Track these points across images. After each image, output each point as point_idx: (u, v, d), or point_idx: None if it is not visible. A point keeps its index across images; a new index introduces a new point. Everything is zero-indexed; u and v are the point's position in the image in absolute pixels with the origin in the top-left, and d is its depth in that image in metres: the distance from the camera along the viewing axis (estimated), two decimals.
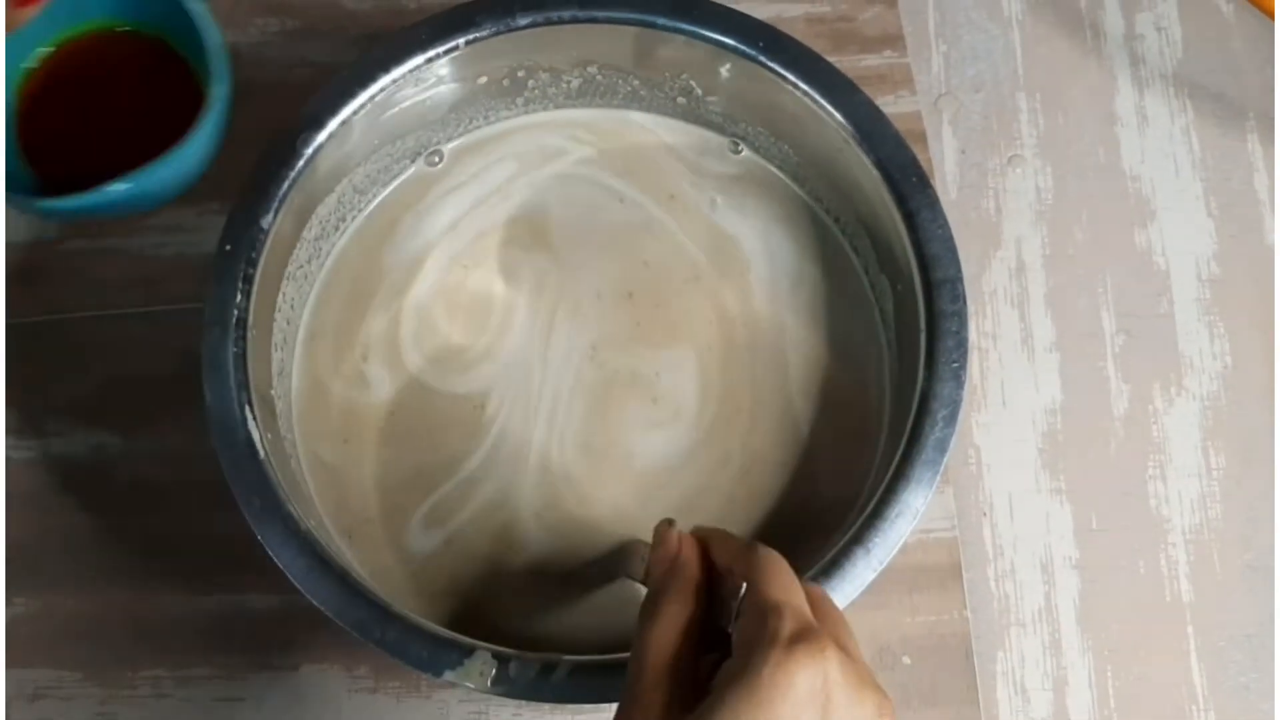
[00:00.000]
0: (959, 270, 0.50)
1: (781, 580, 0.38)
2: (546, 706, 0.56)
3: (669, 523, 0.44)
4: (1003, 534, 0.59)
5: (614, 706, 0.39)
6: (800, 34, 0.63)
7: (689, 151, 0.60)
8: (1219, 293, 0.63)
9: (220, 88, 0.56)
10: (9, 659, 0.56)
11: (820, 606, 0.38)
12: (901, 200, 0.51)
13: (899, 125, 0.53)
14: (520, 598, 0.53)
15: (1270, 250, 0.63)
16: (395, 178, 0.59)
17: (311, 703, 0.55)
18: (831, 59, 0.56)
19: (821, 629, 0.36)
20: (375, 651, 0.45)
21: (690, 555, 0.41)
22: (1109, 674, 0.57)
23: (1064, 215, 0.64)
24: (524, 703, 0.53)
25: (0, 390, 0.59)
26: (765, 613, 0.36)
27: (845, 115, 0.53)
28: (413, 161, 0.59)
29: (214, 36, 0.57)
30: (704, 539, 0.43)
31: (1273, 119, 0.65)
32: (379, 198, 0.58)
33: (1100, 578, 0.58)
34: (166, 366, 0.58)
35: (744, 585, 0.38)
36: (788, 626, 0.35)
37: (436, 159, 0.59)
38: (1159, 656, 0.57)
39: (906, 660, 0.56)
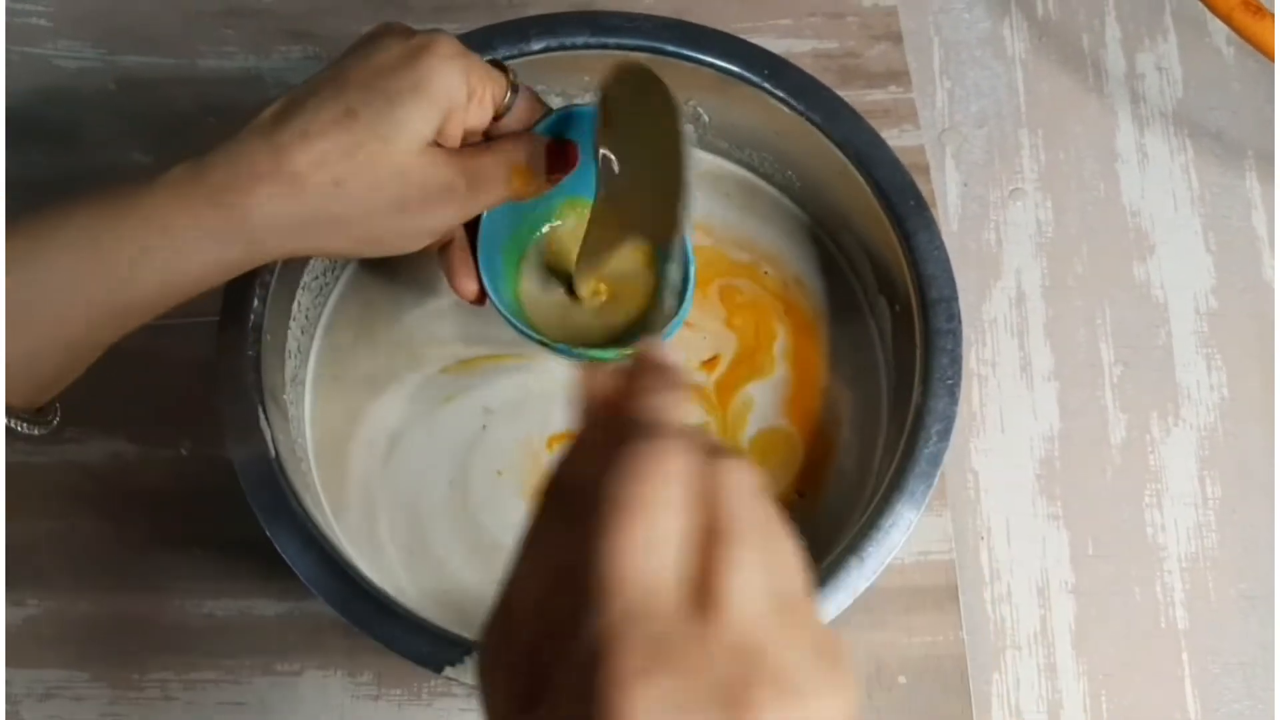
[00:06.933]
0: (954, 290, 0.51)
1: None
2: None
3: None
4: (999, 558, 0.59)
5: None
6: (807, 69, 0.64)
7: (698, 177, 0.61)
8: (1216, 326, 0.64)
9: None
10: (21, 659, 0.57)
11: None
12: (899, 221, 0.52)
13: (902, 159, 0.55)
14: None
15: (1268, 286, 0.64)
16: None
17: (314, 708, 0.56)
18: (837, 93, 0.57)
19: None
20: (376, 646, 0.46)
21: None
22: (1103, 698, 0.57)
23: (1064, 248, 0.65)
24: None
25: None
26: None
27: (845, 140, 0.54)
28: None
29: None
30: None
31: (1271, 158, 0.67)
32: None
33: (1096, 603, 0.59)
34: (184, 378, 0.59)
35: None
36: None
37: None
38: (1153, 682, 0.58)
39: (902, 680, 0.57)
